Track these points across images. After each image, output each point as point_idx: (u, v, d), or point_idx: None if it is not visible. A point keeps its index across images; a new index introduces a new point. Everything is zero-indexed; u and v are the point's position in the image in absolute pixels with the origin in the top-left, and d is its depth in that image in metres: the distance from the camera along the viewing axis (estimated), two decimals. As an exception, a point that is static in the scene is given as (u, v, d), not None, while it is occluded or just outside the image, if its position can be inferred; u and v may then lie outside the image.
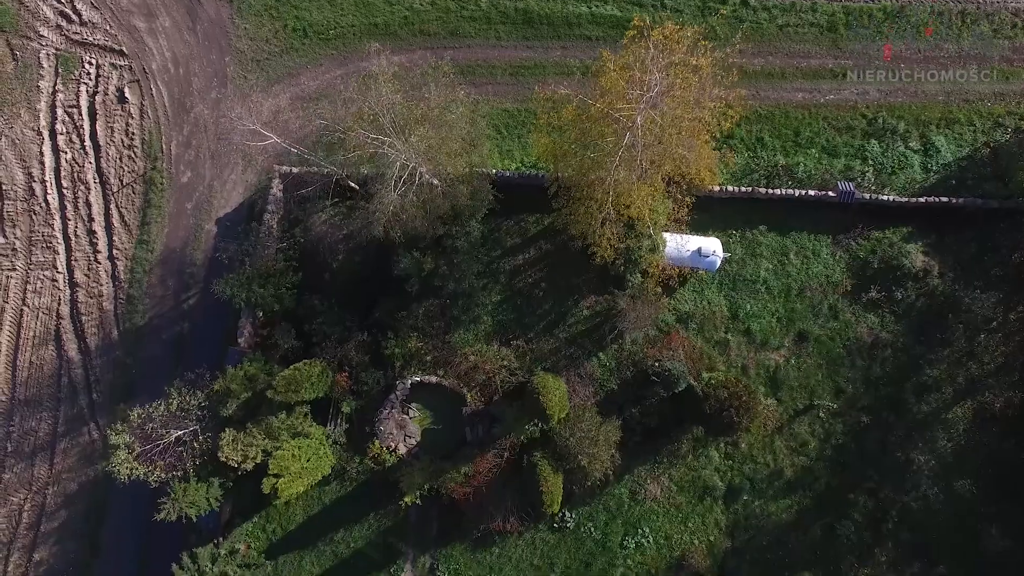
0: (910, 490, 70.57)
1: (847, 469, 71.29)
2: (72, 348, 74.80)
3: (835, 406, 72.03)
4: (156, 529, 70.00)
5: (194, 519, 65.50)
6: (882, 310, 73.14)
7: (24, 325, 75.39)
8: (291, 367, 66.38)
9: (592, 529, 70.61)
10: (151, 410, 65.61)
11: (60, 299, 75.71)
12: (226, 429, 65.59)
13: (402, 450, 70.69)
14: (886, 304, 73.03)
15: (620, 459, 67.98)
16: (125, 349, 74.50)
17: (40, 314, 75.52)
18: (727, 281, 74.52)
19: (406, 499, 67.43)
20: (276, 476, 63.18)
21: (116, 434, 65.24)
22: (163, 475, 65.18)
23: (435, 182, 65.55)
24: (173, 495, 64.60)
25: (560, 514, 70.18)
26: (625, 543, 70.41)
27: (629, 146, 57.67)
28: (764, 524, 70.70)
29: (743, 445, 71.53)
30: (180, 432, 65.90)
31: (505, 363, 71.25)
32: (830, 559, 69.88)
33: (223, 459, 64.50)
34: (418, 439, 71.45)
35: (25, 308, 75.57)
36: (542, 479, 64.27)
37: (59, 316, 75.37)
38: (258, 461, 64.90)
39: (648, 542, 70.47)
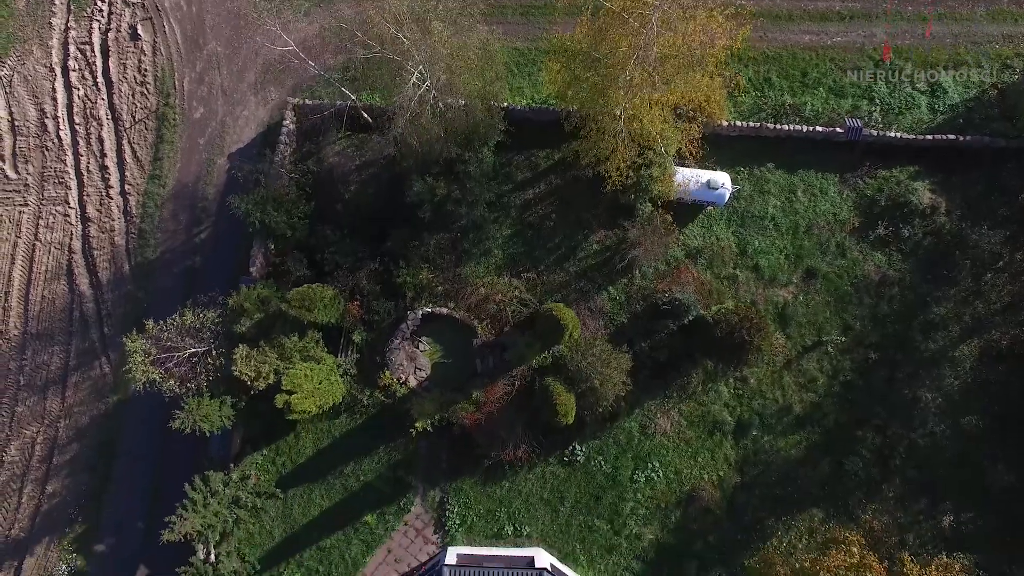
0: (917, 427, 63.52)
1: (855, 406, 64.00)
2: (84, 282, 66.71)
3: (843, 339, 64.69)
4: (167, 461, 62.84)
5: (208, 433, 57.95)
6: (889, 248, 65.96)
7: (36, 260, 67.28)
8: (305, 285, 59.16)
9: (602, 463, 62.76)
10: (167, 324, 58.68)
11: (72, 234, 67.59)
12: (240, 345, 57.99)
13: (412, 382, 62.85)
14: (893, 242, 65.87)
15: (631, 385, 60.01)
16: (136, 283, 66.45)
17: (52, 249, 67.37)
18: (735, 217, 66.94)
19: (417, 425, 59.72)
20: (289, 392, 55.58)
21: (132, 340, 57.96)
22: (177, 386, 58.08)
23: (450, 101, 58.34)
24: (187, 407, 57.10)
25: (570, 447, 62.55)
26: (635, 477, 62.69)
27: (644, 47, 50.64)
28: (773, 459, 63.32)
29: (752, 381, 64.11)
30: (195, 348, 58.82)
31: (516, 294, 63.52)
32: (838, 495, 62.68)
33: (236, 373, 57.03)
34: (428, 372, 63.59)
35: (37, 243, 67.44)
36: (555, 394, 56.36)
37: (71, 251, 67.27)
38: (270, 381, 57.33)
39: (658, 476, 62.78)
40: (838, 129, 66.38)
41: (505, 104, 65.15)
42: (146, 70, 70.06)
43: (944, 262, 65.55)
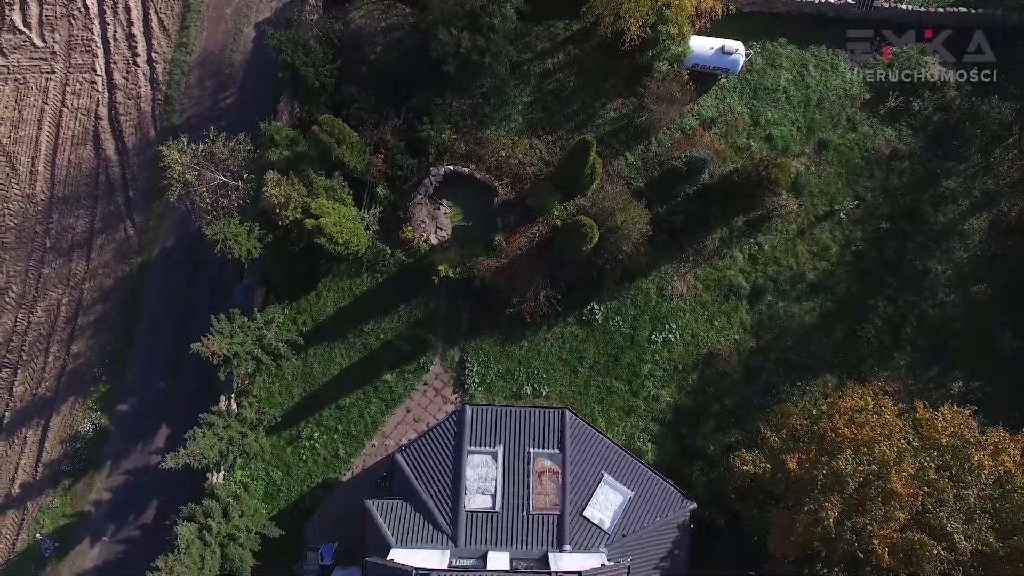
0: (928, 297, 51.67)
1: (867, 276, 52.07)
2: (110, 148, 54.16)
3: (856, 206, 52.70)
4: (189, 321, 50.33)
5: (240, 257, 45.74)
6: (899, 123, 54.02)
7: (63, 125, 54.62)
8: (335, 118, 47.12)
9: (620, 323, 50.55)
10: (199, 146, 47.36)
11: (99, 101, 54.78)
12: (270, 171, 45.80)
13: (433, 241, 50.54)
14: (903, 116, 53.88)
15: (649, 236, 47.63)
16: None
17: (79, 115, 54.73)
18: (748, 90, 54.64)
19: (440, 269, 47.59)
20: (317, 217, 43.57)
21: (168, 147, 46.32)
22: (209, 200, 46.60)
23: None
24: (219, 223, 45.12)
25: (589, 307, 50.36)
26: (653, 338, 50.55)
27: None
28: (787, 325, 51.35)
29: (767, 247, 52.33)
30: (223, 179, 47.12)
31: (536, 154, 50.94)
32: (851, 361, 50.95)
33: (266, 194, 45.05)
34: (449, 233, 51.04)
35: (64, 109, 54.71)
36: (582, 221, 43.03)
37: (97, 117, 54.56)
38: (298, 214, 45.09)
39: (675, 338, 50.67)
40: (850, 1, 53.72)
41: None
42: (174, -61, 57.06)
43: (954, 136, 53.33)
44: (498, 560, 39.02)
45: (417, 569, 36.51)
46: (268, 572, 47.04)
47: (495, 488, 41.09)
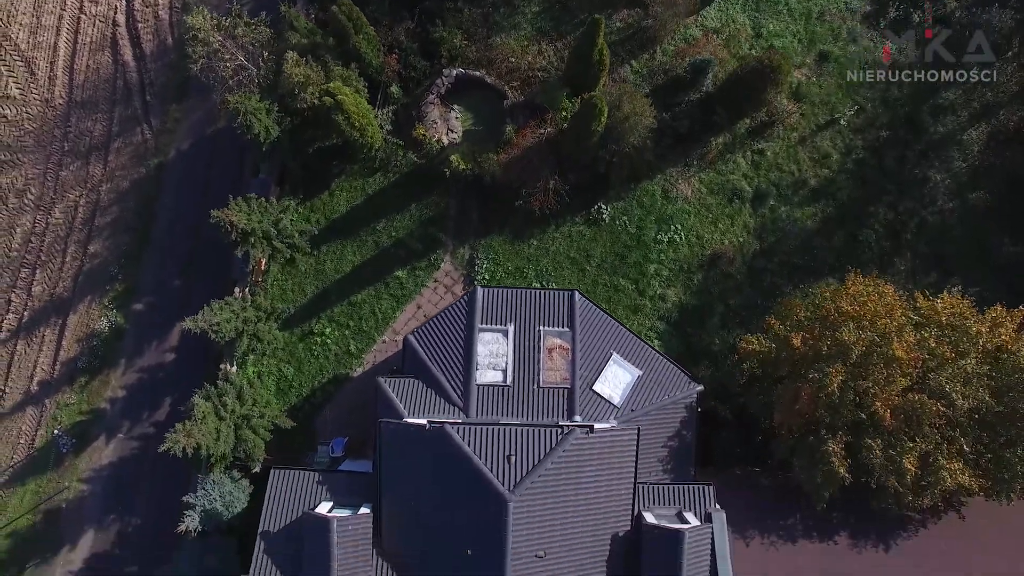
0: (927, 204, 52.20)
1: (867, 183, 52.52)
2: (127, 53, 54.89)
3: (855, 111, 53.27)
4: (204, 223, 50.44)
5: (258, 135, 45.66)
6: (900, 35, 53.51)
7: (81, 32, 55.34)
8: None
9: (627, 223, 51.25)
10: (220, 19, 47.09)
11: (116, 8, 55.55)
12: (289, 51, 46.20)
13: (445, 141, 51.06)
14: (904, 27, 53.18)
15: (655, 123, 48.31)
16: (180, 52, 54.28)
17: (97, 21, 55.43)
18: (750, 2, 55.25)
19: (452, 159, 48.12)
20: (335, 97, 43.89)
21: (193, 14, 46.29)
22: (231, 72, 46.63)
23: None
24: (239, 96, 45.44)
25: (596, 207, 51.14)
26: (659, 238, 51.27)
27: None
28: (790, 229, 52.00)
29: (769, 154, 52.89)
30: (243, 61, 47.25)
31: (545, 58, 51.80)
32: (852, 265, 50.30)
33: (286, 72, 45.33)
34: (460, 136, 51.74)
35: (82, 16, 55.41)
36: (593, 101, 43.16)
37: (115, 24, 55.25)
38: (316, 99, 45.28)
39: (680, 239, 51.44)
40: (853, -86, 54.58)
41: None
42: None
43: (955, 47, 53.33)
44: (509, 428, 39.57)
45: (430, 421, 37.06)
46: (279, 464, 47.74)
47: (506, 363, 41.64)
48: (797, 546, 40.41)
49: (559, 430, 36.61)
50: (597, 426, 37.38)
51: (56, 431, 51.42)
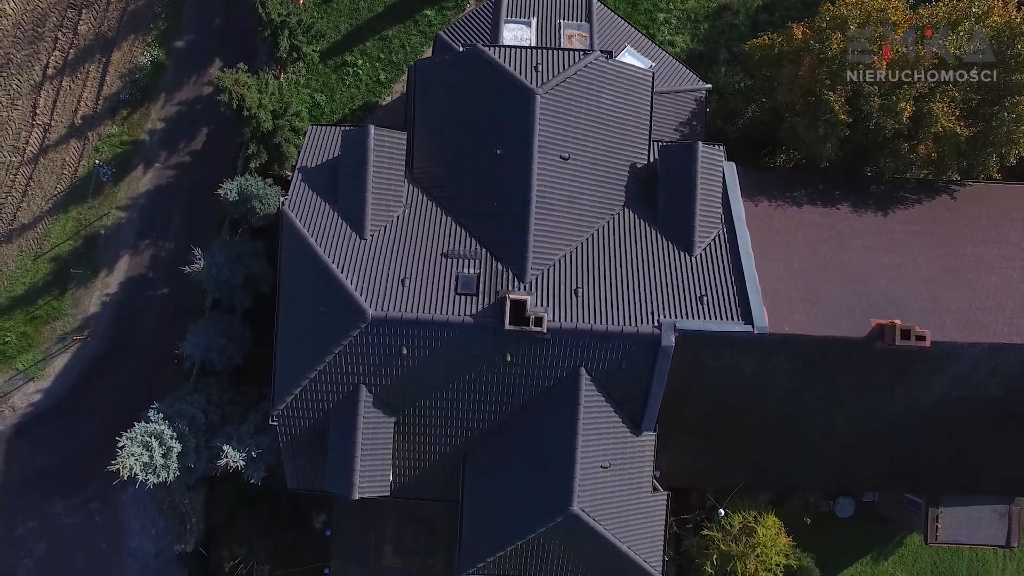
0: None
1: None
2: None
3: None
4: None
5: None
6: None
7: None
8: None
9: (639, -29, 53.73)
10: None
11: None
12: None
13: None
14: None
15: None
16: None
17: None
18: None
19: None
20: None
21: None
22: None
23: None
24: None
25: (612, -46, 53.41)
26: (668, -16, 53.68)
27: None
28: None
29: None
30: None
31: None
32: None
33: None
34: None
35: None
36: None
37: None
38: None
39: (688, -9, 53.72)
40: None
41: None
42: None
43: None
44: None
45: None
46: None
47: (529, 45, 44.10)
48: (803, 209, 42.59)
49: (580, 52, 38.84)
50: (616, 56, 39.76)
51: (97, 161, 53.40)
